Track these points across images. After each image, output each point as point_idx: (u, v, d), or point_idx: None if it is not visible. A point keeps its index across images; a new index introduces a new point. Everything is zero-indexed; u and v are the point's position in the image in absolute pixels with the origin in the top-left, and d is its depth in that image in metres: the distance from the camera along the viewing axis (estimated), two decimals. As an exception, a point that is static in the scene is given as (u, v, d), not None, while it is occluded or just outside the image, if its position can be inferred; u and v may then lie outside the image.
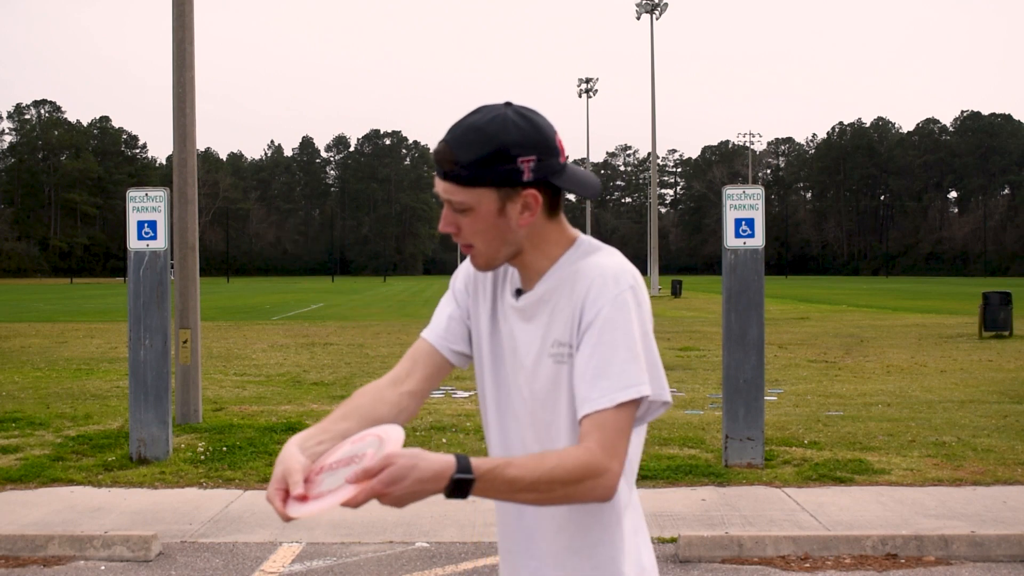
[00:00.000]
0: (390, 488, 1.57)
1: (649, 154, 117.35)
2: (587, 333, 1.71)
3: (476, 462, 1.59)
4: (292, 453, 1.71)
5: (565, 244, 1.83)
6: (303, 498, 1.62)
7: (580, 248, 1.82)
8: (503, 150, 1.69)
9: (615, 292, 1.71)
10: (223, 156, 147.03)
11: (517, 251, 1.80)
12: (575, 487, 1.63)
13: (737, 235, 7.73)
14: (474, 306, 1.94)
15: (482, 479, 1.58)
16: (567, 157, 1.81)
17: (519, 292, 1.86)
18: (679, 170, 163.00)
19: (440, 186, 1.75)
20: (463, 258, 1.92)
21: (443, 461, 1.58)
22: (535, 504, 1.68)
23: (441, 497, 1.62)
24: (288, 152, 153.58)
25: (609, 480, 1.64)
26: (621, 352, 1.68)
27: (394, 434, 1.63)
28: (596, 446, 1.64)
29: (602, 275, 1.73)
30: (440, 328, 1.95)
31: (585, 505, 1.74)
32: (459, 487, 1.58)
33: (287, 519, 1.63)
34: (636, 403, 1.69)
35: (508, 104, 1.76)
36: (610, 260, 1.77)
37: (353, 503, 1.58)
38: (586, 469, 1.62)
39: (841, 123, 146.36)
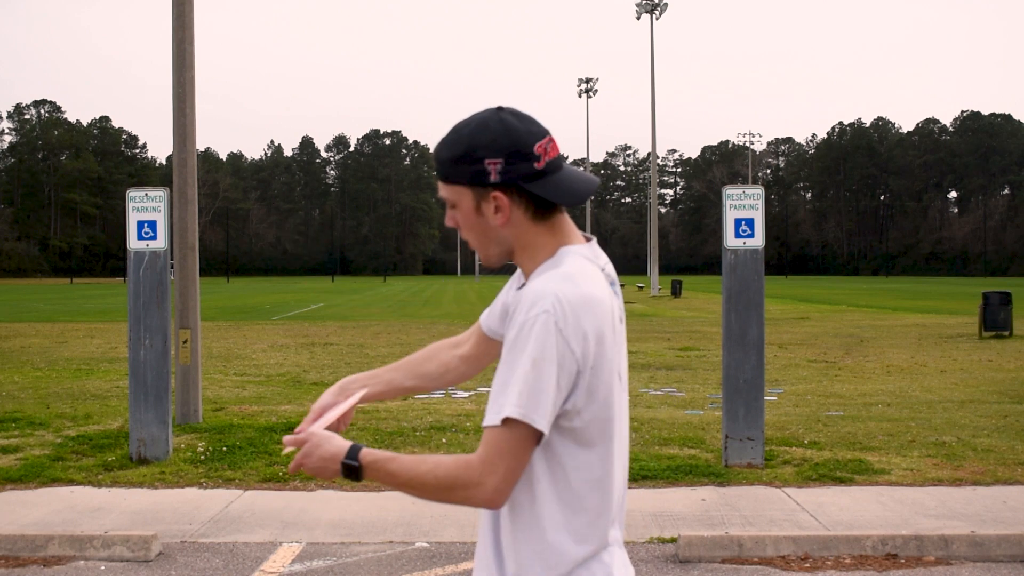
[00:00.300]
0: (305, 460, 1.85)
1: (649, 154, 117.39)
2: (505, 351, 1.76)
3: (365, 452, 1.81)
4: (326, 392, 2.11)
5: (550, 253, 1.85)
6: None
7: (549, 263, 1.84)
8: (470, 151, 1.80)
9: (524, 317, 1.72)
10: (223, 156, 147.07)
11: (510, 252, 1.87)
12: (447, 493, 1.75)
13: (737, 235, 7.73)
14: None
15: (367, 468, 1.80)
16: (549, 161, 1.81)
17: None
18: (679, 170, 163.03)
19: (439, 187, 1.90)
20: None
21: (339, 446, 1.83)
22: (418, 498, 1.83)
23: None
24: (288, 152, 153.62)
25: (481, 493, 1.72)
26: (517, 375, 1.70)
27: (331, 414, 2.01)
28: (476, 459, 1.73)
29: (528, 297, 1.74)
30: (491, 307, 2.12)
31: (519, 536, 1.81)
32: (349, 471, 1.81)
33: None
34: (526, 427, 1.70)
35: (500, 108, 1.83)
36: (544, 283, 1.75)
37: (291, 469, 1.91)
38: (456, 479, 1.73)
39: (841, 123, 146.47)
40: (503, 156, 1.78)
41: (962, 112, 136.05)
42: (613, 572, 1.82)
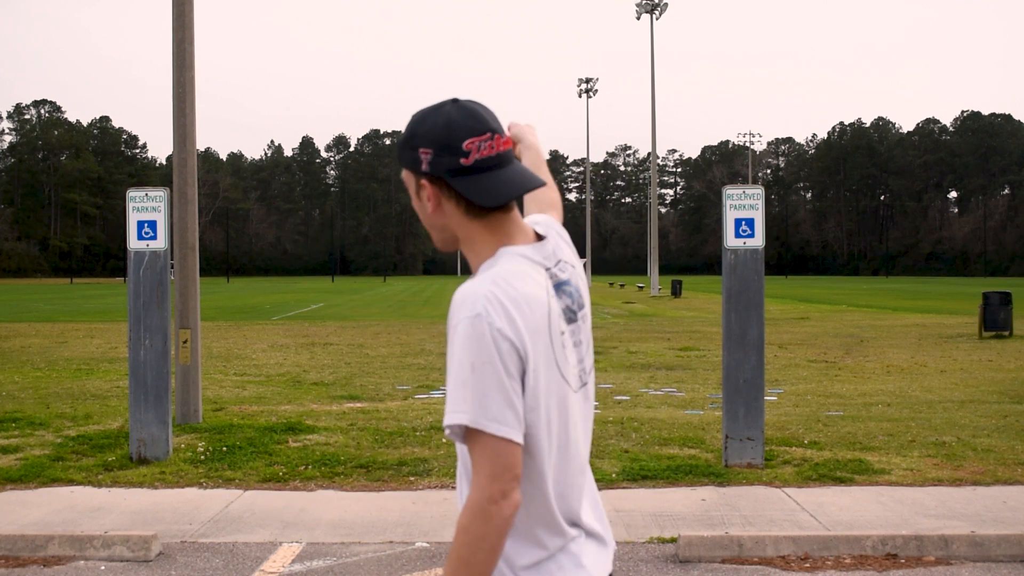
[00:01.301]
0: None
1: (649, 154, 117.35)
2: (447, 358, 1.77)
3: None
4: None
5: (491, 252, 1.84)
6: None
7: (491, 261, 1.83)
8: (411, 137, 1.84)
9: (454, 321, 1.72)
10: (223, 156, 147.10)
11: (454, 240, 1.89)
12: (481, 529, 1.66)
13: (737, 235, 7.73)
14: None
15: None
16: (480, 159, 1.79)
17: None
18: (679, 170, 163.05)
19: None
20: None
21: None
22: (486, 562, 1.68)
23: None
24: (288, 152, 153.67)
25: (501, 507, 1.65)
26: (452, 381, 1.69)
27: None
28: (474, 487, 1.68)
29: (455, 302, 1.74)
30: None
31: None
32: None
33: None
34: (482, 432, 1.67)
35: (455, 100, 1.86)
36: (475, 282, 1.76)
37: None
38: (473, 518, 1.66)
39: (841, 123, 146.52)
40: (434, 147, 1.80)
41: (962, 112, 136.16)
42: (583, 562, 1.82)
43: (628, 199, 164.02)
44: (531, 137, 2.35)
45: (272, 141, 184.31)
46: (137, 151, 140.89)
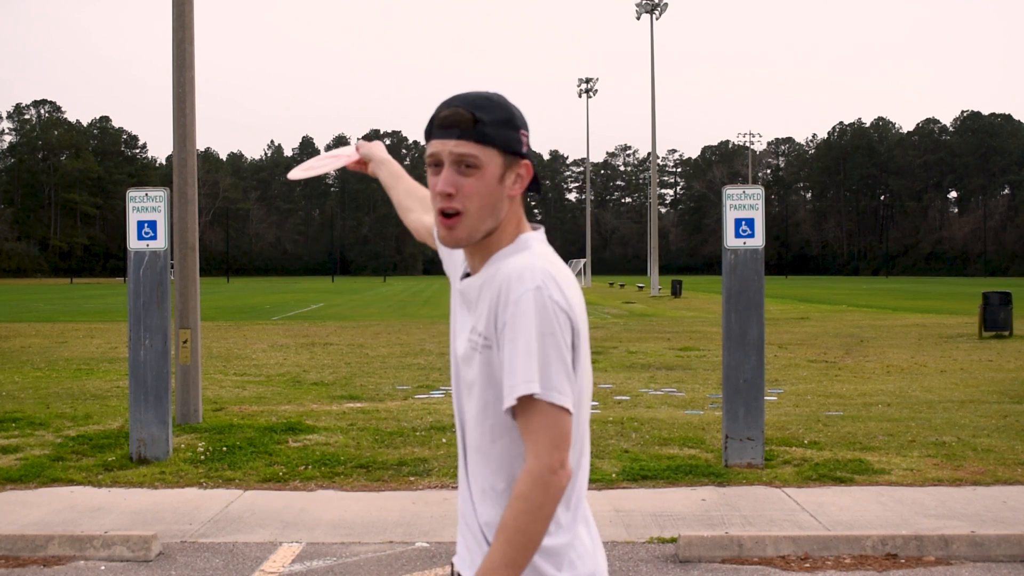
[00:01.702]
0: None
1: (649, 154, 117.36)
2: (502, 333, 1.77)
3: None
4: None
5: (514, 235, 1.89)
6: None
7: (518, 243, 1.88)
8: (511, 118, 1.85)
9: (518, 293, 1.75)
10: (223, 156, 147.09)
11: (492, 230, 1.87)
12: (539, 503, 1.70)
13: (737, 235, 7.73)
14: (450, 274, 2.09)
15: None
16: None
17: (467, 275, 1.95)
18: (679, 170, 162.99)
19: (451, 145, 1.82)
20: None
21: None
22: (539, 536, 1.72)
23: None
24: (288, 152, 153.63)
25: (557, 478, 1.71)
26: (520, 351, 1.73)
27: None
28: (531, 458, 1.72)
29: (513, 275, 1.78)
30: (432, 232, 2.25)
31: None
32: None
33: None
34: (544, 402, 1.73)
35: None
36: (526, 259, 1.81)
37: None
38: (534, 488, 1.70)
39: (841, 123, 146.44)
40: (528, 130, 1.88)
41: (962, 112, 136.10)
42: (597, 540, 1.91)
43: (628, 199, 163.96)
44: (382, 153, 2.49)
45: (272, 141, 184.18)
46: (137, 151, 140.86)
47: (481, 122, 1.81)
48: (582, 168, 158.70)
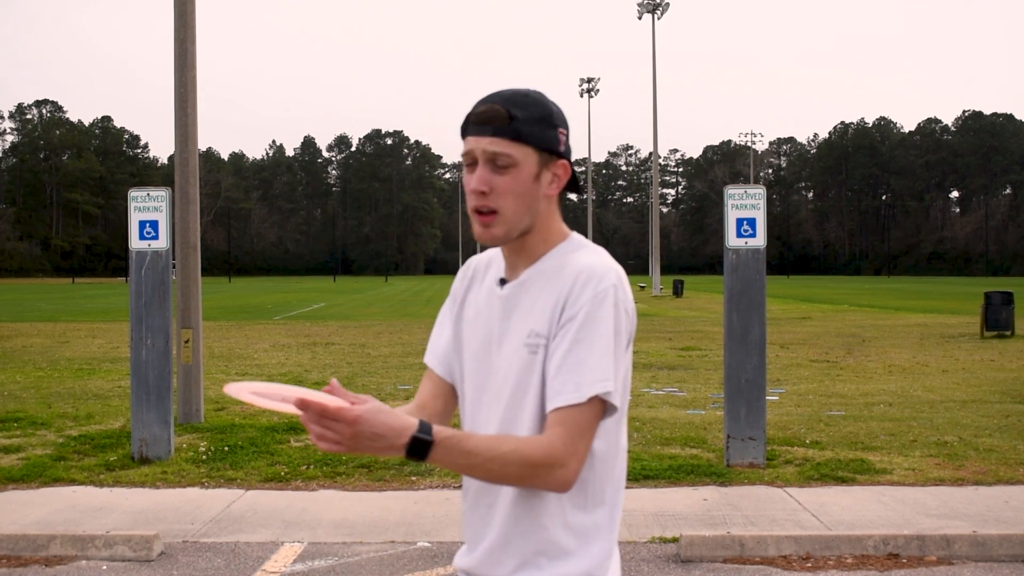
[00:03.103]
0: (362, 427, 1.62)
1: (651, 154, 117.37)
2: (566, 328, 1.76)
3: (437, 428, 1.68)
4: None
5: (560, 235, 1.88)
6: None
7: (573, 242, 1.88)
8: (549, 116, 1.82)
9: (597, 290, 1.75)
10: (225, 156, 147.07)
11: (529, 228, 1.84)
12: (528, 475, 1.70)
13: (739, 235, 7.73)
14: (468, 294, 1.97)
15: (440, 444, 1.66)
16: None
17: (503, 281, 1.89)
18: (681, 170, 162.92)
19: (485, 142, 1.79)
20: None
21: (406, 419, 1.66)
22: (484, 480, 1.74)
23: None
24: (290, 152, 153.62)
25: (565, 475, 1.71)
26: (597, 349, 1.73)
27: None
28: (558, 440, 1.70)
29: (587, 272, 1.78)
30: (440, 352, 2.01)
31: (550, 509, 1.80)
32: (417, 446, 1.65)
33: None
34: (603, 403, 1.74)
35: None
36: (597, 258, 1.82)
37: (329, 447, 1.64)
38: (541, 461, 1.69)
39: (843, 123, 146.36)
40: (567, 129, 1.86)
41: (964, 112, 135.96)
42: (616, 550, 1.91)
43: (630, 199, 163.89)
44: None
45: (274, 141, 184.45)
46: (139, 151, 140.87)
47: (516, 119, 1.77)
48: (583, 168, 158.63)
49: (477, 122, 1.80)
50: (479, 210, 1.81)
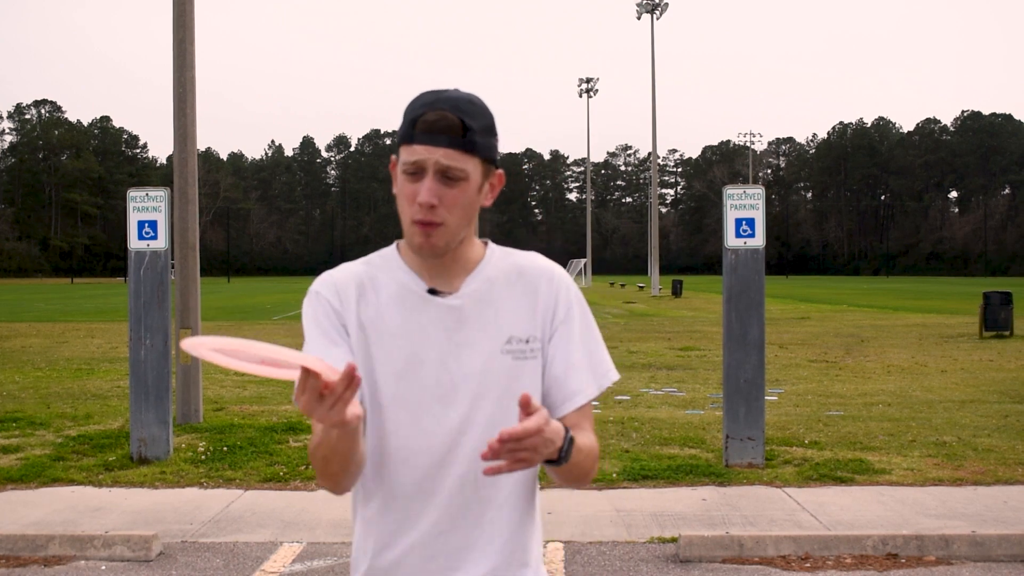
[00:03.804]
0: (540, 438, 1.54)
1: (650, 154, 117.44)
2: (562, 329, 1.79)
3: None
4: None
5: (479, 241, 1.87)
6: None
7: (494, 246, 1.86)
8: (493, 125, 1.75)
9: (571, 288, 1.81)
10: (224, 156, 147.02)
11: (465, 238, 1.78)
12: (594, 464, 1.77)
13: (738, 235, 7.73)
14: (361, 312, 1.79)
15: (572, 442, 1.66)
16: None
17: (434, 291, 1.79)
18: (680, 170, 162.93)
19: (439, 154, 1.68)
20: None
21: (558, 424, 1.63)
22: (570, 477, 1.71)
23: None
24: (289, 152, 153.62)
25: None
26: (599, 342, 1.83)
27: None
28: (593, 433, 1.78)
29: (549, 271, 1.83)
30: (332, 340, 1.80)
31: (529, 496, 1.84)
32: (569, 445, 1.64)
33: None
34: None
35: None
36: (539, 258, 1.86)
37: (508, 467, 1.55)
38: (598, 451, 1.79)
39: (842, 123, 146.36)
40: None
41: (963, 112, 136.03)
42: None
43: (629, 199, 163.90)
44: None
45: (272, 141, 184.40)
46: (138, 151, 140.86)
47: (471, 130, 1.68)
48: (583, 168, 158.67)
49: (429, 130, 1.68)
50: (424, 222, 1.71)
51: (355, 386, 1.48)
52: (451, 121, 1.68)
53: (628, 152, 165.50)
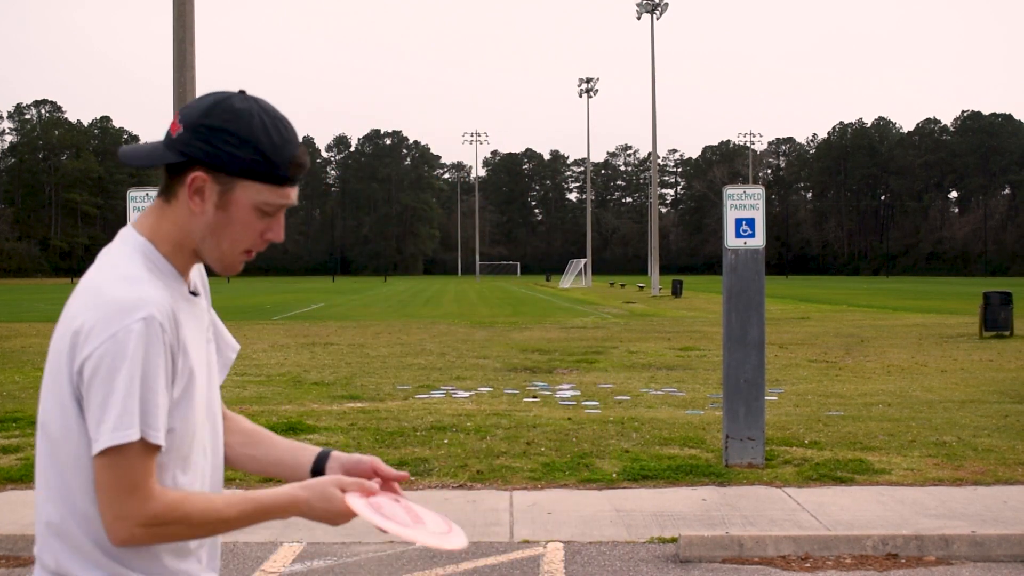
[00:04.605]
0: None
1: (650, 154, 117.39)
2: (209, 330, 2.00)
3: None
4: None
5: None
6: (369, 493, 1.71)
7: None
8: None
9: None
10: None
11: None
12: None
13: (738, 235, 7.73)
14: (185, 340, 1.70)
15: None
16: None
17: (194, 293, 1.82)
18: (680, 170, 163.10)
19: (294, 195, 1.69)
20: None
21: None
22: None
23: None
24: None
25: None
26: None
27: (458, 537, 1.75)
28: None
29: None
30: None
31: None
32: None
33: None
34: None
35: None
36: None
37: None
38: None
39: (842, 123, 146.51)
40: None
41: (963, 112, 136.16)
42: None
43: (629, 199, 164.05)
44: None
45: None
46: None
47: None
48: (582, 168, 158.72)
49: (300, 172, 1.67)
50: (252, 251, 1.72)
51: None
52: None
53: (628, 152, 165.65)
